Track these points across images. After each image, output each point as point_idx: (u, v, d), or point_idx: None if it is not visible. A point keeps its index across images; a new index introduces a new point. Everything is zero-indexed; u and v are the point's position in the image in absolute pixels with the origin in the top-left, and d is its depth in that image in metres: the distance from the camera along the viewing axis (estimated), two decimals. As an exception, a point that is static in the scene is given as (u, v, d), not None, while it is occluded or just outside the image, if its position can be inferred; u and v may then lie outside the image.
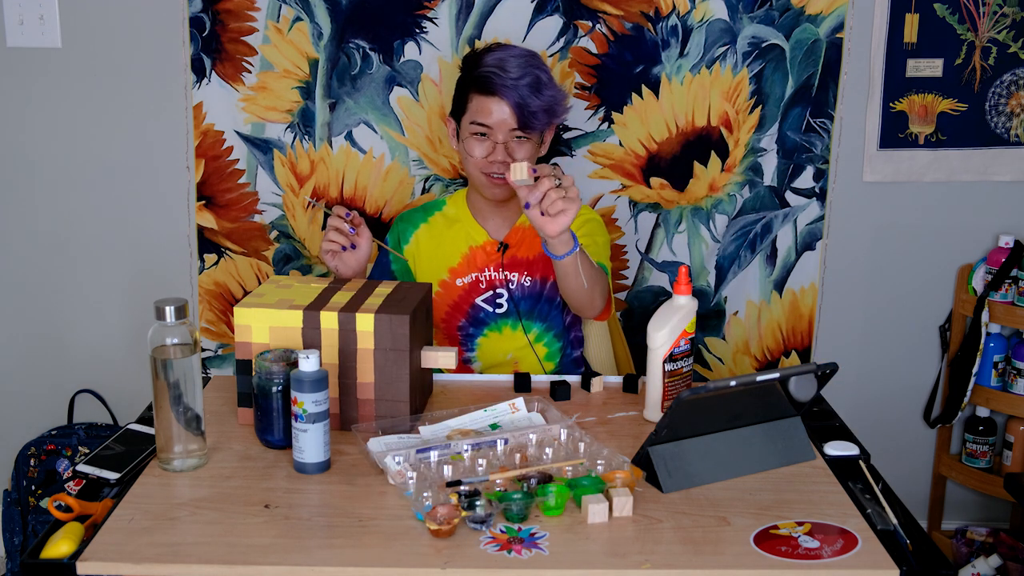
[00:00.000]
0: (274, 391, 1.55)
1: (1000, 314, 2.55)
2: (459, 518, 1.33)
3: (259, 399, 1.57)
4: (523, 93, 1.98)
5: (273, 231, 2.57)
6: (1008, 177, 2.60)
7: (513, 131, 2.02)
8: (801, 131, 2.52)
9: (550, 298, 2.14)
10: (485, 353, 2.16)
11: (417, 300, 1.68)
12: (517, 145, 2.03)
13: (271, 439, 1.59)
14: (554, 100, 2.04)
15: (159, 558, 1.29)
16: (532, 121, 2.00)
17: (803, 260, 2.61)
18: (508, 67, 2.00)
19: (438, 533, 1.32)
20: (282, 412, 1.56)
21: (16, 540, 2.58)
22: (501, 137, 2.02)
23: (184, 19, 2.45)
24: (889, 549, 1.33)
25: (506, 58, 2.01)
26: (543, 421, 1.66)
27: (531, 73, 2.00)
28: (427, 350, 1.71)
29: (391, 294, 1.71)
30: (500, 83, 1.98)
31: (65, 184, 2.59)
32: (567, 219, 1.73)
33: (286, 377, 1.54)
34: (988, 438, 2.66)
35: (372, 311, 1.61)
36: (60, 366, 2.69)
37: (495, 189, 2.07)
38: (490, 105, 2.01)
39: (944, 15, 2.48)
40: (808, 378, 1.54)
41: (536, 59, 2.05)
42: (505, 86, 1.98)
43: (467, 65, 2.08)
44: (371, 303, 1.65)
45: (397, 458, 1.47)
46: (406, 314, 1.60)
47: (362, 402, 1.63)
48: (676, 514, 1.41)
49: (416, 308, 1.65)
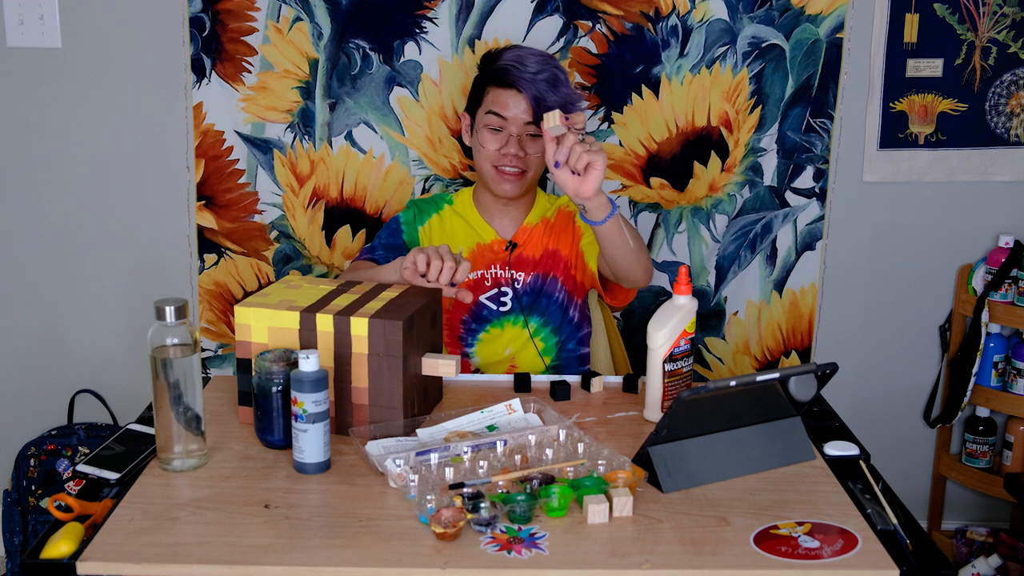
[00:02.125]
0: (274, 391, 1.55)
1: (1000, 314, 2.55)
2: (464, 521, 1.33)
3: (259, 399, 1.57)
4: (541, 88, 2.00)
5: (273, 231, 2.57)
6: (1008, 177, 2.60)
7: (527, 125, 2.03)
8: (801, 131, 2.52)
9: (548, 293, 2.14)
10: (484, 349, 2.16)
11: (419, 306, 1.66)
12: (530, 141, 2.04)
13: (271, 439, 1.59)
14: (569, 98, 2.04)
15: (159, 558, 1.29)
16: None
17: (803, 260, 2.61)
18: (527, 62, 2.02)
19: (444, 536, 1.31)
20: (282, 412, 1.56)
21: (16, 540, 2.58)
22: (515, 130, 2.03)
23: (184, 19, 2.45)
24: (889, 549, 1.33)
25: (525, 55, 2.04)
26: (540, 422, 1.66)
27: (549, 70, 2.02)
28: (428, 357, 1.68)
29: (395, 299, 1.69)
30: (519, 76, 2.01)
31: (65, 184, 2.59)
32: (597, 173, 1.71)
33: (286, 377, 1.54)
34: (988, 438, 2.66)
35: (367, 315, 1.60)
36: (60, 366, 2.69)
37: (504, 184, 2.07)
38: (507, 98, 2.02)
39: (944, 15, 2.48)
40: (808, 378, 1.54)
41: (553, 59, 2.07)
42: (524, 79, 2.00)
43: (485, 62, 2.10)
44: (370, 307, 1.64)
45: (398, 461, 1.47)
46: (400, 320, 1.58)
47: (356, 407, 1.62)
48: (676, 514, 1.41)
49: (415, 314, 1.63)
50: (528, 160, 2.05)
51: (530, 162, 2.05)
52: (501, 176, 2.06)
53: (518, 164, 2.04)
